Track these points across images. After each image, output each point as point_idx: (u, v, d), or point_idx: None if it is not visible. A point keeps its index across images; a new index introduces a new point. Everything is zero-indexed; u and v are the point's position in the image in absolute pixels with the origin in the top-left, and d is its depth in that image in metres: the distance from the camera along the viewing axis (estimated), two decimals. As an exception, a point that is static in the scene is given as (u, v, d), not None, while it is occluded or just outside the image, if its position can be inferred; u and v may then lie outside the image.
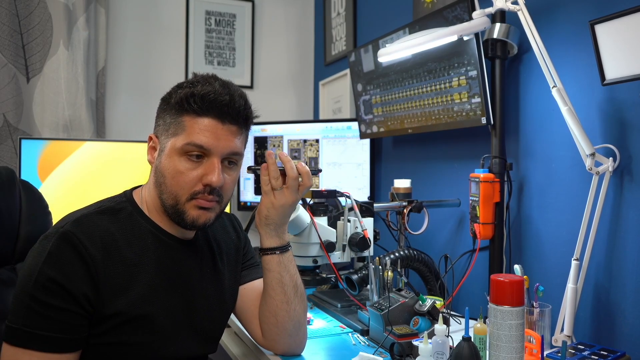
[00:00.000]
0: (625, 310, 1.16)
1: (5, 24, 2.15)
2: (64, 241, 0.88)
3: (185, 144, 0.94)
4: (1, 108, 2.15)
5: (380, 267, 1.35)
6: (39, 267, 0.86)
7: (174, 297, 0.99)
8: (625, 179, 1.16)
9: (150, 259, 0.96)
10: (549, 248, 1.37)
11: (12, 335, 0.85)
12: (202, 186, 0.95)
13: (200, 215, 0.96)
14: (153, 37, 2.56)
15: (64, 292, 0.86)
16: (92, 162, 2.08)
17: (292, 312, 1.08)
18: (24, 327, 0.84)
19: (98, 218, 0.94)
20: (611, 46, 1.05)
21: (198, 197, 0.95)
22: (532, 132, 1.43)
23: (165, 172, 0.96)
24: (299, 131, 2.38)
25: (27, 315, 0.84)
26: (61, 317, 0.86)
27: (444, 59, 1.53)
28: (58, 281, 0.85)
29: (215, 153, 0.95)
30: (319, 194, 1.41)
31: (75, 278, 0.87)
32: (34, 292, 0.85)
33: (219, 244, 1.14)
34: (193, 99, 0.93)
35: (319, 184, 2.33)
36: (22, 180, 1.21)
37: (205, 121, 0.94)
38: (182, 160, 0.94)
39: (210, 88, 0.94)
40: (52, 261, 0.86)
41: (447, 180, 1.76)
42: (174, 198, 0.95)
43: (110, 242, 0.92)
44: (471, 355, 0.91)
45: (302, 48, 2.89)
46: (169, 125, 0.97)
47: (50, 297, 0.85)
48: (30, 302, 0.84)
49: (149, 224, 0.99)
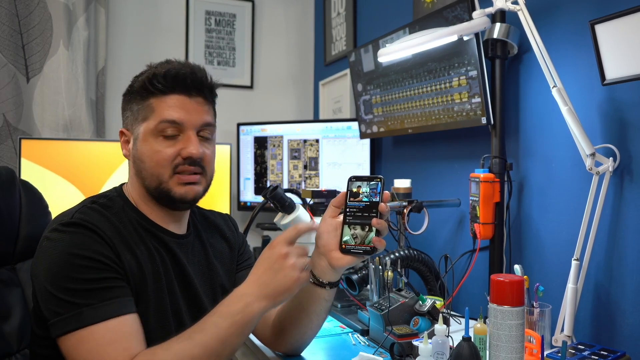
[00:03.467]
0: (625, 310, 1.16)
1: (5, 24, 2.15)
2: (80, 227, 0.88)
3: (158, 123, 0.95)
4: (1, 108, 2.15)
5: (380, 267, 1.35)
6: (69, 253, 0.86)
7: (172, 289, 0.98)
8: (625, 179, 1.16)
9: (143, 251, 0.96)
10: (549, 248, 1.37)
11: (77, 320, 0.83)
12: (182, 159, 0.96)
13: (187, 191, 0.98)
14: (153, 37, 2.56)
15: (104, 265, 0.86)
16: (92, 162, 2.08)
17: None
18: (89, 306, 0.83)
19: (97, 210, 0.94)
20: (611, 46, 1.05)
21: (179, 169, 0.96)
22: (532, 132, 1.43)
23: (143, 156, 0.97)
24: (299, 131, 2.38)
25: (84, 296, 0.84)
26: (115, 284, 0.87)
27: (444, 59, 1.53)
28: (94, 257, 0.86)
29: (188, 127, 0.97)
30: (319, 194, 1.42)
31: (105, 251, 0.88)
32: (79, 275, 0.84)
33: (212, 241, 1.13)
34: (156, 79, 0.95)
35: (319, 184, 2.33)
36: (22, 180, 1.21)
37: (173, 98, 0.96)
38: (157, 141, 0.96)
39: (169, 66, 0.97)
40: (80, 244, 0.87)
41: (447, 180, 1.76)
42: (157, 178, 0.96)
43: (116, 232, 0.93)
44: (471, 355, 0.91)
45: (302, 48, 2.89)
46: (137, 112, 0.98)
47: (96, 272, 0.85)
48: (79, 285, 0.84)
49: (140, 217, 0.99)
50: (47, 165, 2.02)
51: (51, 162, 2.03)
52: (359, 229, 0.97)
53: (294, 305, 1.04)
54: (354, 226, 0.97)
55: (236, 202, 2.58)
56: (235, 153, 2.54)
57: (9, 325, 1.09)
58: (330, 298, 1.05)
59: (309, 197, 1.45)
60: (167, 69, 0.96)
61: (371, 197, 0.98)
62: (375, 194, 0.97)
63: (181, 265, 1.02)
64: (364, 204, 0.98)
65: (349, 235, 0.97)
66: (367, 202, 0.98)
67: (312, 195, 1.45)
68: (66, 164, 2.05)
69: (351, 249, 0.97)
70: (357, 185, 0.99)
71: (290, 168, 2.41)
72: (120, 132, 1.03)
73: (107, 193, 1.02)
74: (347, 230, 0.98)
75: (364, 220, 0.96)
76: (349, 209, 0.99)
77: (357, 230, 0.97)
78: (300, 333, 1.09)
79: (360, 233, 0.97)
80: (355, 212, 0.98)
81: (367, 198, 0.98)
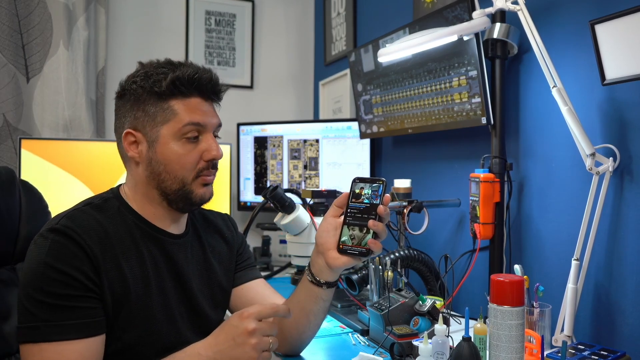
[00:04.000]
0: (625, 310, 1.16)
1: (5, 23, 2.15)
2: (63, 235, 0.88)
3: (183, 126, 0.96)
4: (1, 108, 2.15)
5: (380, 267, 1.35)
6: (44, 263, 0.86)
7: (165, 291, 0.98)
8: (625, 179, 1.16)
9: (141, 253, 0.96)
10: (549, 248, 1.37)
11: (32, 334, 0.84)
12: (205, 162, 0.99)
13: (205, 191, 1.01)
14: (153, 37, 2.56)
15: (75, 281, 0.86)
16: (92, 162, 2.08)
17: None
18: (45, 322, 0.84)
19: (89, 213, 0.94)
20: (611, 46, 1.05)
21: (203, 173, 0.99)
22: (532, 132, 1.43)
23: (166, 159, 0.97)
24: (299, 131, 2.38)
25: (45, 310, 0.84)
26: (79, 304, 0.86)
27: (444, 59, 1.53)
28: (67, 272, 0.86)
29: (208, 129, 1.00)
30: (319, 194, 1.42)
31: (81, 266, 0.87)
32: (46, 287, 0.85)
33: (211, 241, 1.13)
34: (179, 82, 0.96)
35: (319, 184, 2.33)
36: (22, 180, 1.21)
37: (193, 101, 0.98)
38: (180, 144, 0.97)
39: (191, 69, 0.97)
40: (56, 254, 0.86)
41: (447, 180, 1.76)
42: (181, 181, 0.98)
43: (104, 237, 0.92)
44: (471, 355, 0.91)
45: (302, 48, 2.89)
46: (154, 114, 0.96)
47: (63, 288, 0.85)
48: (44, 298, 0.84)
49: (137, 219, 0.99)
50: (47, 165, 2.02)
51: (51, 162, 2.03)
52: (357, 230, 0.97)
53: (292, 305, 1.04)
54: (353, 227, 0.98)
55: (236, 202, 2.58)
56: (235, 153, 2.54)
57: (9, 325, 1.09)
58: (328, 298, 1.05)
59: (309, 197, 1.46)
60: (190, 72, 0.96)
61: (372, 199, 0.98)
62: (377, 196, 0.98)
63: (177, 265, 1.02)
64: (364, 206, 0.98)
65: (347, 235, 0.98)
66: (367, 204, 0.98)
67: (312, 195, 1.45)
68: (66, 164, 2.05)
69: (348, 249, 0.97)
70: (360, 187, 1.00)
71: (290, 168, 2.41)
72: (127, 133, 0.98)
73: (104, 194, 1.02)
74: (346, 230, 0.98)
75: (363, 222, 0.97)
76: (350, 209, 0.99)
77: (355, 231, 0.97)
78: (298, 333, 1.09)
79: (358, 234, 0.97)
80: (355, 213, 0.98)
81: (368, 200, 0.98)
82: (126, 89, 1.00)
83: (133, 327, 0.93)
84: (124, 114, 1.00)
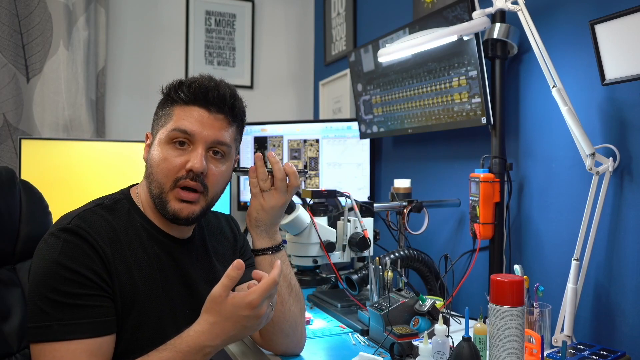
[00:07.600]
0: (625, 310, 1.16)
1: (5, 24, 2.15)
2: (74, 235, 0.88)
3: (171, 131, 0.96)
4: (1, 108, 2.15)
5: (380, 267, 1.35)
6: (57, 262, 0.85)
7: (171, 295, 0.99)
8: (625, 179, 1.16)
9: (149, 256, 0.96)
10: (549, 248, 1.37)
11: (45, 333, 0.84)
12: (185, 172, 0.95)
13: (182, 208, 0.96)
14: (153, 37, 2.56)
15: (88, 281, 0.86)
16: (92, 162, 2.07)
17: (287, 313, 1.08)
18: (59, 321, 0.84)
19: (100, 214, 0.94)
20: (611, 46, 1.05)
21: (180, 183, 0.95)
22: (532, 132, 1.43)
23: (153, 161, 0.97)
24: (299, 131, 2.38)
25: (59, 310, 0.84)
26: (92, 303, 0.86)
27: (444, 59, 1.53)
28: (80, 271, 0.86)
29: (199, 140, 0.96)
30: (319, 194, 1.41)
31: (94, 266, 0.88)
32: (60, 287, 0.84)
33: (215, 245, 1.14)
34: (180, 88, 0.97)
35: (319, 184, 2.33)
36: (22, 180, 1.21)
37: (193, 109, 0.97)
38: (168, 148, 0.96)
39: (197, 78, 0.99)
40: (69, 254, 0.86)
41: (447, 180, 1.76)
42: (159, 186, 0.96)
43: (114, 238, 0.93)
44: (471, 355, 0.91)
45: (302, 48, 2.89)
46: (160, 117, 1.00)
47: (77, 288, 0.85)
48: (58, 297, 0.84)
49: (145, 222, 0.99)
50: (47, 165, 2.02)
51: (51, 162, 2.02)
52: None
53: None
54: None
55: (236, 202, 2.58)
56: (235, 153, 2.54)
57: (8, 325, 1.09)
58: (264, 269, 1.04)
59: (309, 197, 1.45)
60: (193, 80, 0.98)
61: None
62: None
63: (184, 270, 1.02)
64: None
65: None
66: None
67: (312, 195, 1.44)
68: (66, 164, 2.04)
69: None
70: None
71: (290, 168, 2.41)
72: (146, 135, 1.05)
73: (114, 195, 1.02)
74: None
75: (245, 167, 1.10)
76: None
77: None
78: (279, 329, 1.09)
79: None
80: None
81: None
82: None
83: (140, 328, 0.93)
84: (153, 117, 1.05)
